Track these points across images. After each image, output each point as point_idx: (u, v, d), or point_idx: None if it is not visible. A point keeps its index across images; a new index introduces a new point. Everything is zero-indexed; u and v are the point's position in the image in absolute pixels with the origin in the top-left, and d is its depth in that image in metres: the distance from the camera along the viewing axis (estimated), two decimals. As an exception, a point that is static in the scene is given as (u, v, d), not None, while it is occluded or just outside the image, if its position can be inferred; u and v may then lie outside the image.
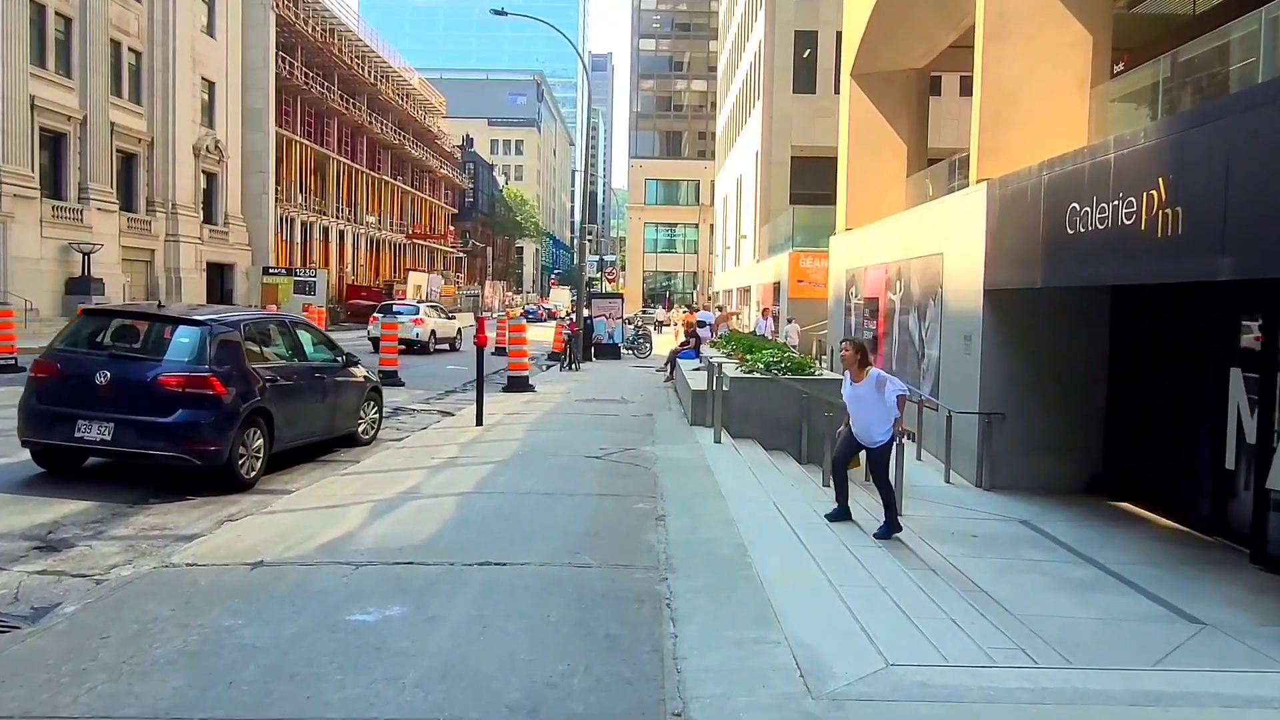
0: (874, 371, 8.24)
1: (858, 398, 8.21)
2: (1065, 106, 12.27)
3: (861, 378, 8.20)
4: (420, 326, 30.23)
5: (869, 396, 8.11)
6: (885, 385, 8.09)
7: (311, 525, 6.35)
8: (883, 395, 8.06)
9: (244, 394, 8.21)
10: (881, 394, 8.06)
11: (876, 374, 8.19)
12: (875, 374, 8.19)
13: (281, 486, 8.46)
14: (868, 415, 8.15)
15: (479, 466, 8.80)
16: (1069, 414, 12.23)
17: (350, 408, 10.60)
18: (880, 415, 8.11)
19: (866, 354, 8.45)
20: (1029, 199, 10.77)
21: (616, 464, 9.12)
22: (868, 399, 8.12)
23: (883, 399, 8.07)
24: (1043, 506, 11.43)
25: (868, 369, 8.26)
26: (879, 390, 8.07)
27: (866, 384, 8.15)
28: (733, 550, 5.81)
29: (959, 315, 13.19)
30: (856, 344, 8.42)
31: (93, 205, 37.41)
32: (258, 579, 5.08)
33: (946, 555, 8.58)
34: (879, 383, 8.09)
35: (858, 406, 8.22)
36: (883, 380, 8.13)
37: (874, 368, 8.37)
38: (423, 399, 16.96)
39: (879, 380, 8.11)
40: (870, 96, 21.00)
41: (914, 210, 16.28)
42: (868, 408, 8.13)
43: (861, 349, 8.41)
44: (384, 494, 7.42)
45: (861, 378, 8.20)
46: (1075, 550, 9.43)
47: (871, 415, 8.13)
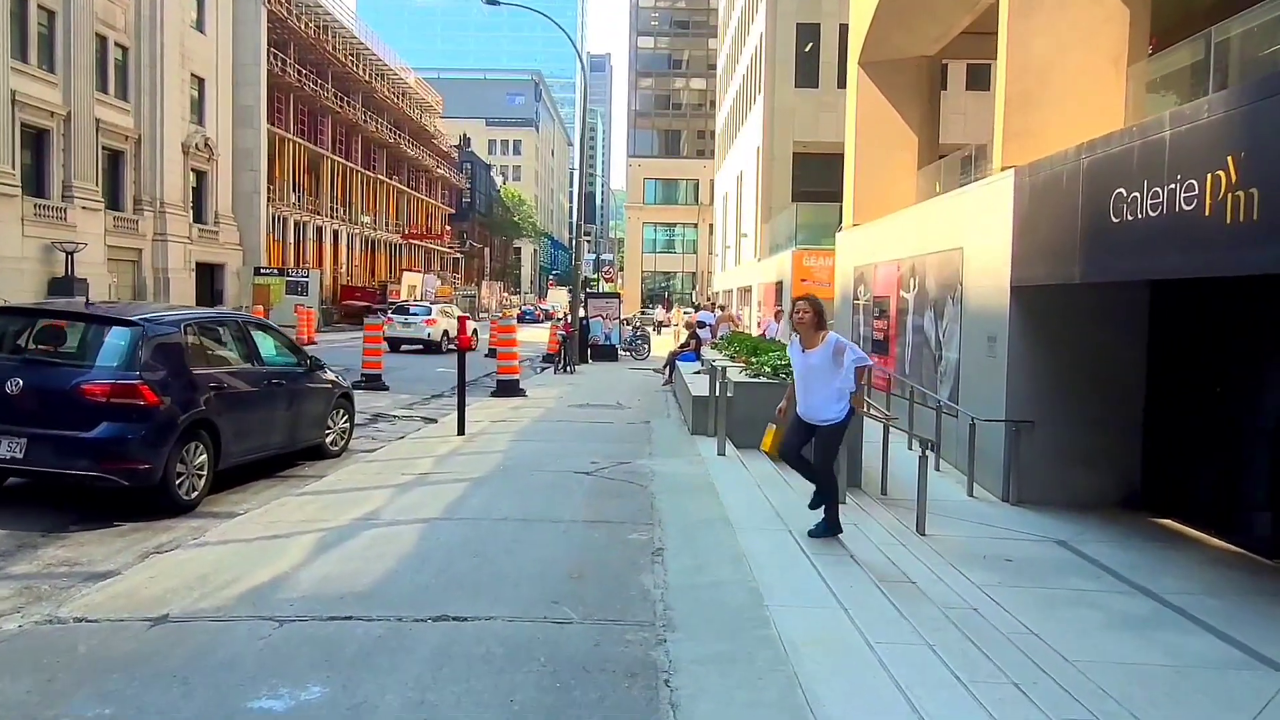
0: (831, 336, 7.04)
1: (809, 368, 7.00)
2: (1099, 86, 11.26)
3: (815, 343, 6.99)
4: (432, 327, 30.18)
5: (823, 366, 6.90)
6: (844, 353, 6.91)
7: (243, 562, 5.34)
8: (839, 365, 6.87)
9: (184, 403, 7.20)
10: (838, 363, 6.87)
11: (834, 338, 7.01)
12: (833, 338, 7.01)
13: (228, 508, 7.45)
14: (820, 389, 6.94)
15: (453, 485, 7.79)
16: (1104, 422, 11.21)
17: (315, 417, 9.59)
18: (834, 390, 6.92)
19: (824, 316, 7.18)
20: (1064, 186, 9.76)
21: (609, 481, 8.11)
22: (821, 369, 6.91)
23: (839, 370, 6.88)
24: (1078, 524, 10.42)
25: (824, 333, 7.05)
26: (835, 359, 6.87)
27: (821, 351, 6.94)
28: (745, 598, 4.79)
29: (981, 314, 12.18)
30: (815, 303, 7.17)
31: (77, 203, 36.44)
32: (153, 643, 4.08)
33: (981, 585, 7.56)
34: (836, 349, 6.91)
35: (809, 378, 7.00)
36: (841, 346, 6.95)
37: (833, 332, 7.17)
38: (406, 404, 15.95)
39: (836, 346, 6.93)
40: (879, 85, 19.98)
41: (929, 202, 15.27)
42: (821, 380, 6.92)
43: (820, 309, 7.17)
44: (338, 520, 6.41)
45: (815, 343, 6.99)
46: (1124, 578, 8.41)
47: (824, 389, 6.93)
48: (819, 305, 7.13)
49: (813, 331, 6.99)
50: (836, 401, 6.91)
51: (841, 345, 6.94)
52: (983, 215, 12.17)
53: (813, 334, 6.99)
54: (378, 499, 7.15)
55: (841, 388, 6.89)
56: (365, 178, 66.33)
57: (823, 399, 6.92)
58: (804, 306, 7.09)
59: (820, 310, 7.10)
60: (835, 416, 6.95)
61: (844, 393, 6.89)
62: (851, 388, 6.93)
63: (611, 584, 4.98)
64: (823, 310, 7.14)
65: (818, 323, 7.02)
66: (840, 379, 6.88)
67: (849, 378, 6.87)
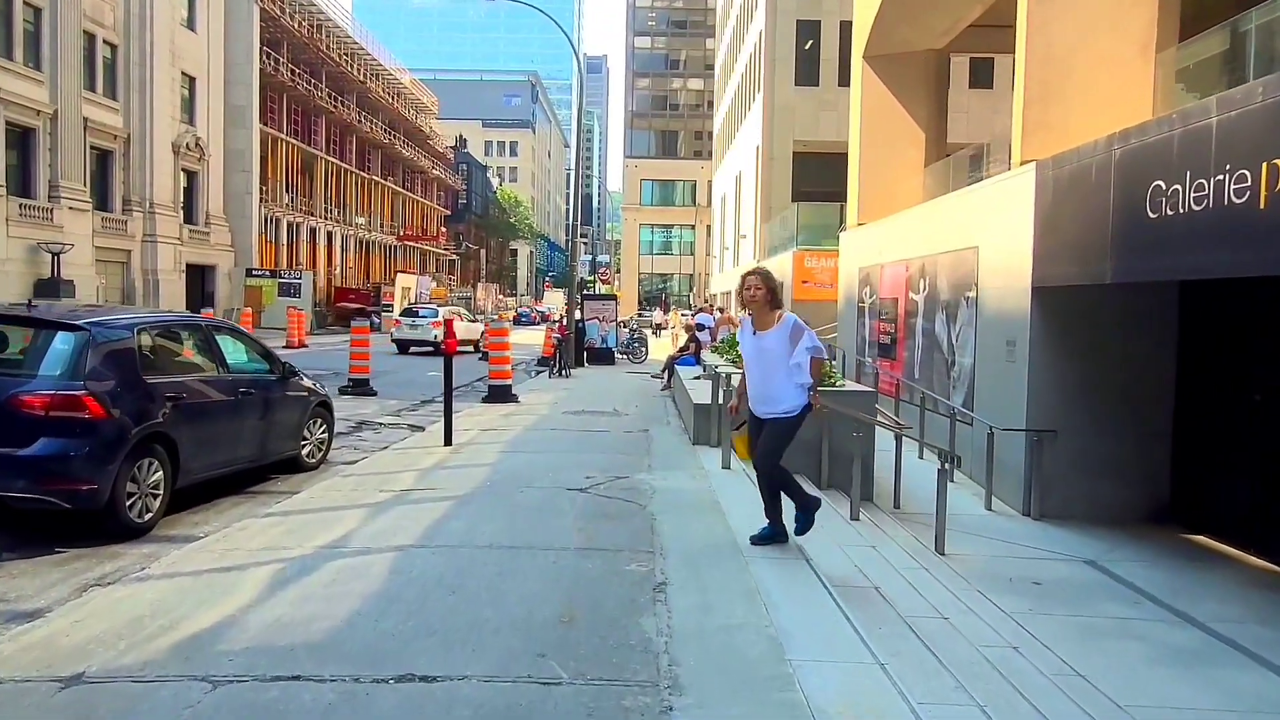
0: (789, 316, 6.10)
1: (761, 351, 6.08)
2: (1126, 75, 10.61)
3: (769, 324, 6.07)
4: (439, 329, 29.92)
5: (779, 351, 5.99)
6: (801, 337, 5.97)
7: (186, 601, 4.67)
8: (795, 351, 5.96)
9: (136, 416, 6.52)
10: (794, 349, 5.96)
11: (792, 319, 6.06)
12: (790, 319, 6.06)
13: (186, 531, 6.78)
14: (773, 377, 6.03)
15: (434, 504, 7.12)
16: (1131, 431, 10.57)
17: (289, 427, 8.91)
18: (789, 377, 5.99)
19: (777, 293, 6.25)
20: (1093, 179, 9.11)
21: (604, 499, 7.43)
22: (775, 354, 6.00)
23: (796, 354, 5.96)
24: (1106, 541, 9.77)
25: (779, 312, 6.13)
26: (791, 343, 5.96)
27: (777, 333, 6.01)
28: (763, 649, 4.11)
29: (999, 317, 11.53)
30: (768, 277, 6.25)
31: (64, 204, 35.75)
32: (58, 712, 3.41)
33: (1012, 613, 6.90)
34: (793, 332, 5.96)
35: (764, 364, 6.09)
36: (799, 330, 5.99)
37: (790, 313, 6.19)
38: (395, 410, 15.27)
39: (794, 329, 5.98)
40: (884, 80, 19.35)
41: (940, 200, 14.62)
42: (773, 366, 6.02)
43: (773, 285, 6.23)
44: (302, 547, 5.74)
45: (769, 324, 6.07)
46: (1163, 603, 7.76)
47: (777, 377, 6.01)
48: (772, 281, 6.26)
49: (766, 310, 6.11)
50: (790, 391, 6.00)
51: (800, 328, 6.03)
52: (1000, 212, 11.52)
53: (766, 313, 6.12)
54: (350, 521, 6.47)
55: (797, 378, 6.00)
56: (360, 179, 65.60)
57: (780, 388, 6.00)
58: (755, 281, 6.15)
59: (774, 287, 6.22)
60: (793, 409, 6.02)
61: (799, 385, 6.01)
62: (807, 381, 6.01)
63: (607, 629, 4.30)
64: (777, 287, 6.28)
65: (772, 300, 6.13)
66: (798, 368, 6.00)
67: (803, 369, 5.97)
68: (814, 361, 6.02)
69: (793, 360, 5.91)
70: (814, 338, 6.10)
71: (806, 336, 6.00)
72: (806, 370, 5.95)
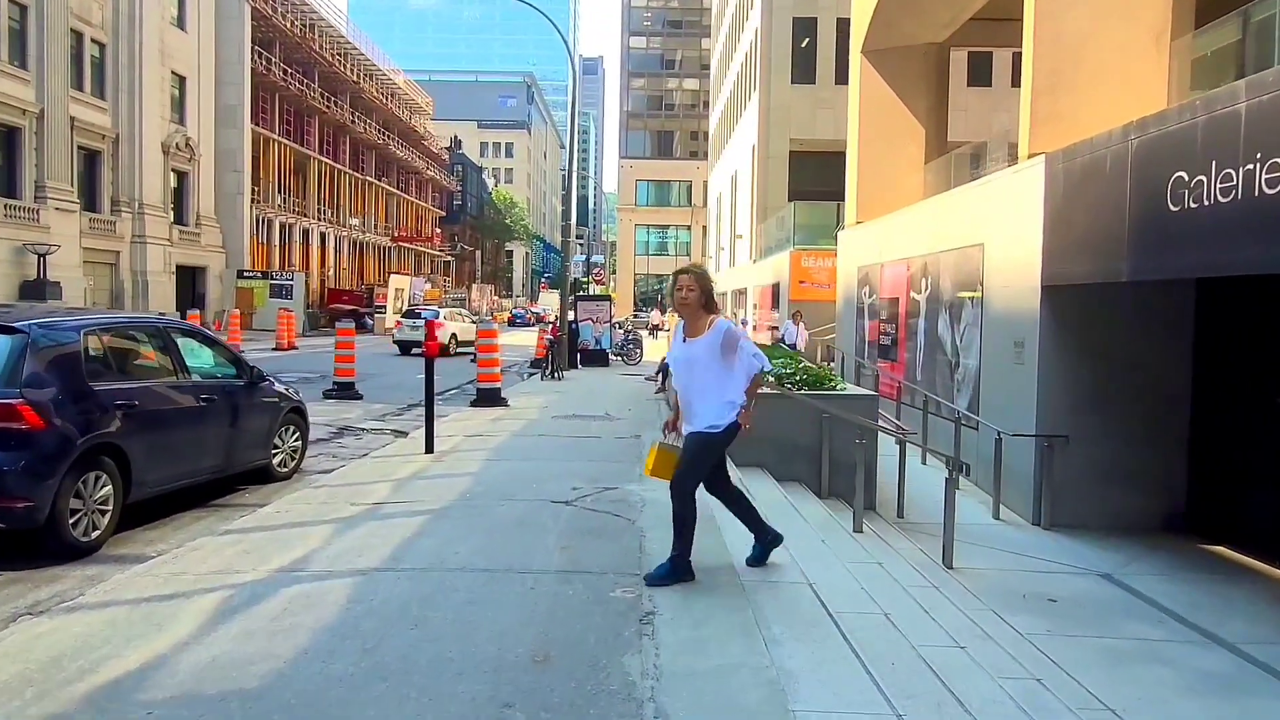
0: (721, 323, 5.33)
1: (691, 360, 5.34)
2: (1139, 64, 10.15)
3: (699, 330, 5.33)
4: (440, 330, 29.81)
5: (708, 360, 5.26)
6: (736, 346, 5.26)
7: (116, 636, 4.17)
8: (729, 363, 5.25)
9: (82, 426, 6.01)
10: (728, 361, 5.24)
11: (724, 326, 5.31)
12: (722, 326, 5.30)
13: (137, 550, 6.27)
14: (704, 389, 5.28)
15: (407, 519, 6.61)
16: (1145, 436, 10.10)
17: (258, 435, 8.40)
18: (721, 390, 5.25)
19: (712, 295, 5.47)
20: (1108, 172, 8.64)
21: (591, 513, 6.94)
22: (706, 364, 5.27)
23: (728, 369, 5.25)
24: (1121, 552, 9.29)
25: (712, 317, 5.35)
26: (724, 354, 5.23)
27: (707, 340, 5.27)
28: (763, 696, 3.58)
29: (1007, 317, 11.05)
30: (702, 278, 5.48)
31: (50, 204, 35.23)
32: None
33: (1028, 634, 6.42)
34: (727, 341, 5.24)
35: (690, 374, 5.36)
36: (734, 338, 5.27)
37: (722, 317, 5.42)
38: (379, 415, 14.76)
39: (727, 336, 5.25)
40: (884, 75, 18.89)
41: (943, 196, 14.15)
42: (704, 376, 5.28)
43: (707, 286, 5.44)
44: (257, 570, 5.23)
45: (699, 330, 5.33)
46: (1188, 621, 7.27)
47: (708, 390, 5.27)
48: (708, 281, 5.51)
49: (700, 314, 5.37)
50: (722, 409, 5.27)
51: (735, 336, 5.29)
52: (1008, 208, 11.05)
53: (699, 318, 5.37)
54: (314, 539, 5.96)
55: (727, 392, 5.26)
56: (353, 179, 65.08)
57: (705, 403, 5.28)
58: (688, 282, 5.38)
59: (708, 288, 5.46)
60: (715, 424, 5.26)
61: (729, 400, 5.26)
62: (740, 398, 5.29)
63: (586, 671, 3.80)
64: (711, 288, 5.51)
65: (705, 303, 5.39)
66: (731, 382, 5.28)
67: (739, 384, 5.27)
68: (754, 379, 5.34)
69: (734, 376, 5.25)
70: (751, 346, 5.42)
71: (744, 345, 5.32)
72: (743, 384, 5.28)
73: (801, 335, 22.94)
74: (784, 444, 10.03)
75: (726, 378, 5.26)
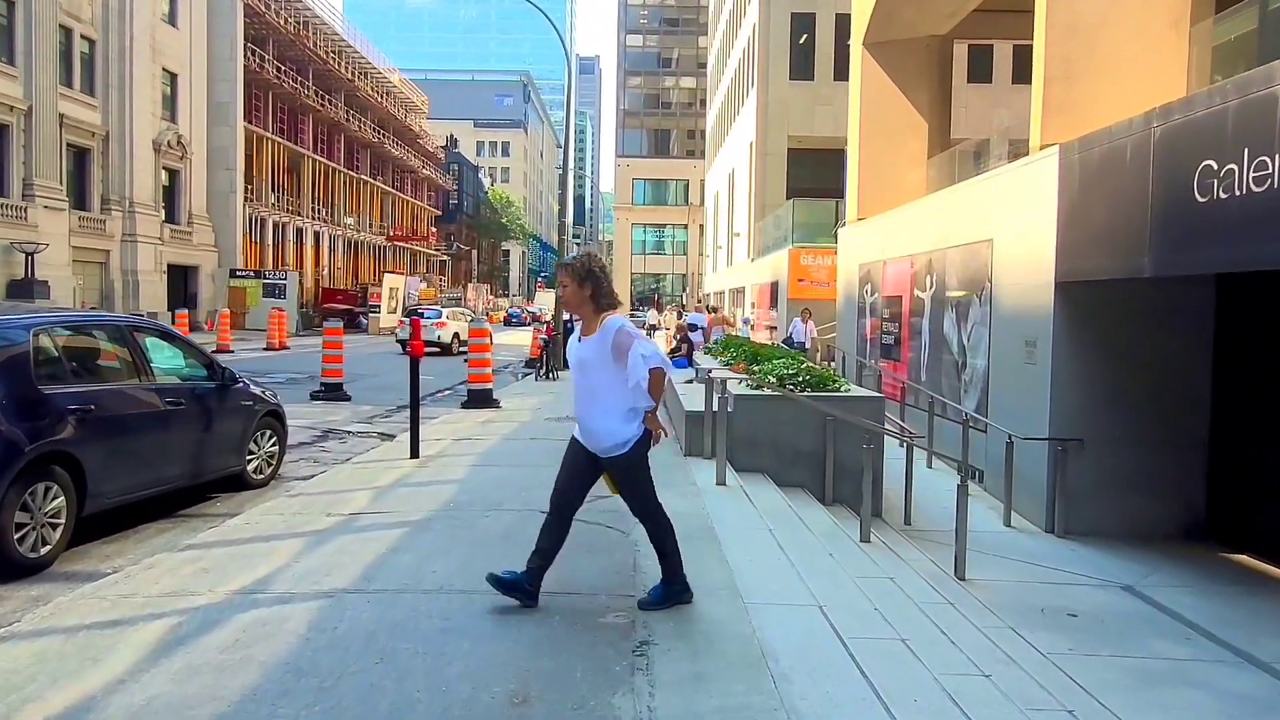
0: (611, 322, 4.56)
1: (584, 364, 4.66)
2: (1157, 50, 9.72)
3: (592, 329, 4.64)
4: (443, 329, 30.79)
5: (594, 363, 4.58)
6: (630, 346, 4.49)
7: (43, 673, 3.71)
8: (622, 364, 4.51)
9: (30, 433, 5.55)
10: (622, 364, 4.51)
11: (616, 324, 4.55)
12: (614, 324, 4.55)
13: (92, 566, 5.82)
14: (597, 395, 4.60)
15: (384, 532, 6.16)
16: (1163, 439, 9.66)
17: (231, 441, 7.94)
18: (616, 400, 4.55)
19: (601, 288, 4.66)
20: (1129, 162, 8.20)
21: (582, 525, 6.42)
22: (593, 368, 4.59)
23: (622, 370, 4.52)
24: (1140, 562, 8.86)
25: (606, 315, 4.61)
26: (613, 354, 4.51)
27: (596, 341, 4.58)
28: (772, 745, 3.19)
29: (1018, 315, 10.62)
30: (584, 269, 4.66)
31: (39, 202, 34.75)
32: None
33: (1049, 653, 5.98)
34: (618, 341, 4.50)
35: (585, 379, 4.68)
36: (626, 337, 4.51)
37: (616, 314, 4.65)
38: (366, 417, 14.29)
39: (618, 336, 4.51)
40: (885, 68, 18.45)
41: (949, 190, 13.70)
42: (596, 384, 4.60)
43: (595, 277, 4.65)
44: (213, 592, 4.78)
45: (592, 329, 4.64)
46: (1217, 638, 6.84)
47: (601, 398, 4.58)
48: (592, 274, 4.64)
49: (589, 311, 4.64)
50: (623, 420, 4.58)
51: (627, 336, 4.51)
52: (1019, 202, 10.61)
53: (590, 315, 4.65)
54: (280, 556, 5.51)
55: (625, 401, 4.55)
56: (348, 178, 64.54)
57: (602, 414, 4.58)
58: (564, 278, 4.68)
59: (598, 278, 4.64)
60: (622, 444, 4.59)
61: (629, 409, 4.58)
62: (642, 404, 4.58)
63: (571, 714, 3.33)
64: (602, 279, 4.67)
65: (592, 297, 4.62)
66: (623, 388, 4.53)
67: (639, 382, 4.49)
68: (653, 376, 4.53)
69: (630, 382, 4.48)
70: (646, 343, 4.57)
71: (638, 344, 4.50)
72: (644, 390, 4.53)
73: (810, 334, 22.42)
74: (786, 448, 9.59)
75: (621, 386, 4.53)
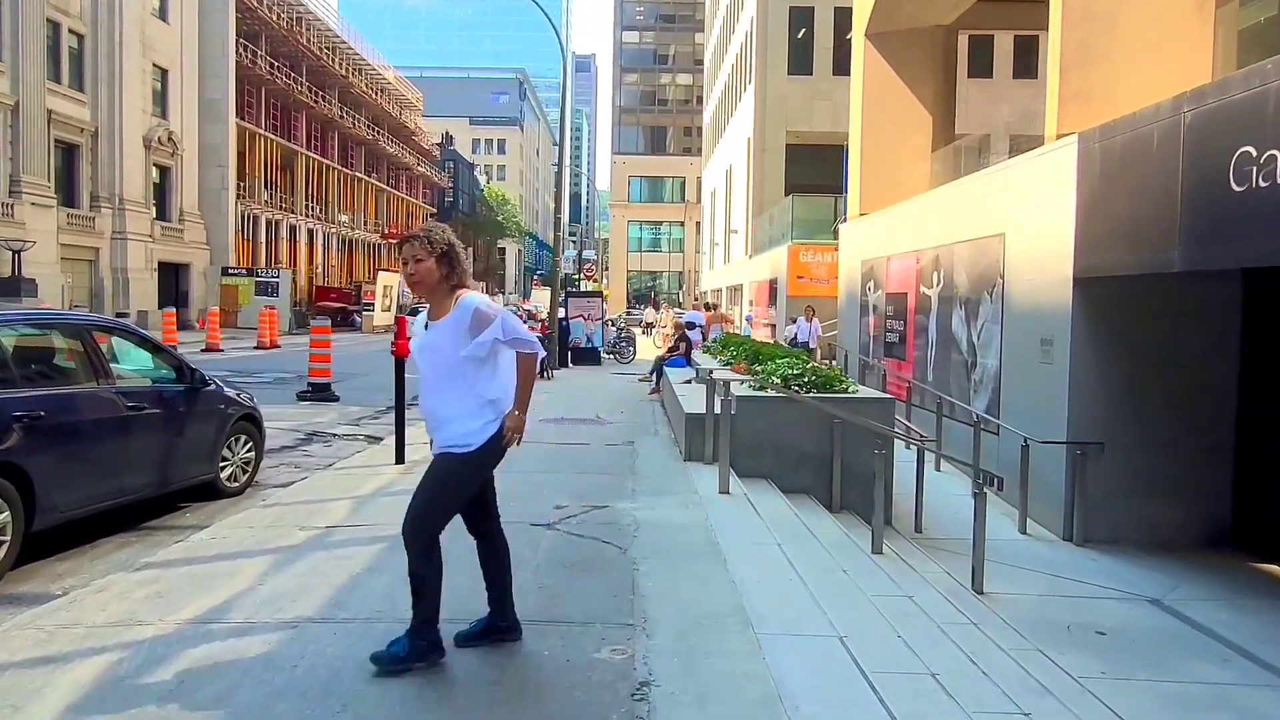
0: (467, 300, 3.81)
1: (433, 351, 3.86)
2: (1180, 34, 9.25)
3: (443, 311, 3.86)
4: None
5: (446, 350, 3.80)
6: (490, 325, 3.76)
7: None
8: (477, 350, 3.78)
9: (-30, 442, 5.08)
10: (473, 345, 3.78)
11: (473, 303, 3.80)
12: (468, 304, 3.79)
13: (39, 588, 5.33)
14: (444, 390, 3.84)
15: (361, 548, 5.68)
16: (1187, 442, 9.20)
17: (202, 447, 7.45)
18: (473, 389, 3.81)
19: (457, 263, 3.91)
20: (1155, 150, 7.73)
21: (575, 539, 6.00)
22: (444, 355, 3.81)
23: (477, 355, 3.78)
24: (1166, 572, 8.39)
25: (460, 293, 3.87)
26: (470, 337, 3.76)
27: (449, 323, 3.81)
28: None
29: (1032, 312, 10.15)
30: (434, 241, 3.85)
31: (25, 199, 34.20)
32: None
33: (1081, 678, 5.51)
34: (477, 320, 3.76)
35: (434, 369, 3.87)
36: (486, 315, 3.77)
37: (473, 293, 3.90)
38: (354, 418, 13.80)
39: (477, 315, 3.76)
40: (888, 59, 17.98)
41: (958, 183, 13.24)
42: (443, 373, 3.83)
43: (447, 252, 3.86)
44: (163, 621, 4.30)
45: (443, 311, 3.86)
46: (1257, 658, 6.37)
47: (449, 389, 3.83)
48: (447, 247, 3.88)
49: (442, 291, 3.87)
50: (470, 415, 3.81)
51: (487, 314, 3.77)
52: (1033, 194, 10.13)
53: (442, 295, 3.88)
54: (244, 577, 5.02)
55: (484, 391, 3.81)
56: (342, 175, 63.99)
57: (449, 408, 3.83)
58: (416, 251, 3.84)
59: (458, 255, 3.92)
60: (467, 441, 3.81)
61: (488, 401, 3.82)
62: (499, 395, 3.84)
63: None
64: (454, 254, 3.90)
65: (447, 276, 3.87)
66: (487, 378, 3.83)
67: (500, 379, 3.85)
68: (522, 362, 3.87)
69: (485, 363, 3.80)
70: (510, 323, 3.83)
71: (503, 324, 3.77)
72: (508, 380, 3.85)
73: (815, 333, 21.81)
74: (790, 452, 9.12)
75: (478, 373, 3.79)
